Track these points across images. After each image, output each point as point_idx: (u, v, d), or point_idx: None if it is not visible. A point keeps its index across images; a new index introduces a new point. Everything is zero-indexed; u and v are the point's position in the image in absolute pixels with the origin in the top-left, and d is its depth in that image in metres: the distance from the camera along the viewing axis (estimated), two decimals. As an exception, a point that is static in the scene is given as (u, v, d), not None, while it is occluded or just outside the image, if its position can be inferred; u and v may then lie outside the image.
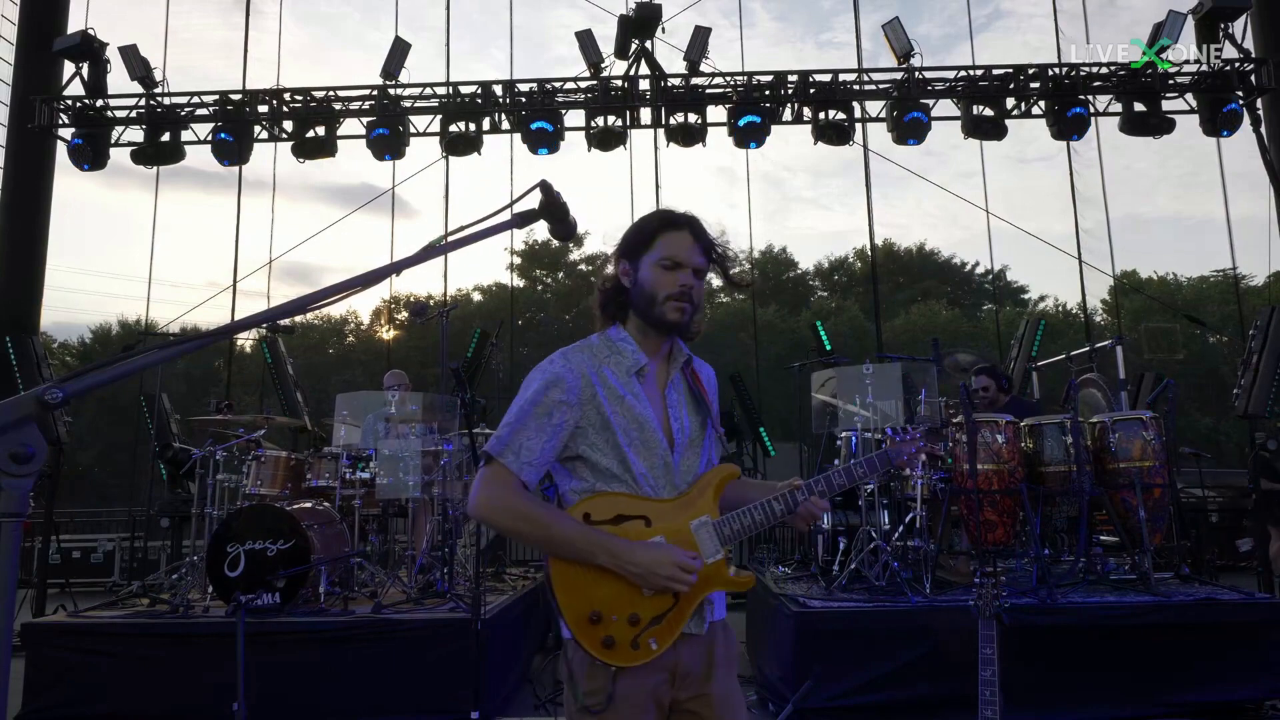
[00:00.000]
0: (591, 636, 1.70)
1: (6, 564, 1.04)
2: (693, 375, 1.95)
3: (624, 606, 1.71)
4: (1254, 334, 8.02)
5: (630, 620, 1.71)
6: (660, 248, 1.84)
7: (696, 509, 1.80)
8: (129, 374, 1.17)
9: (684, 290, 1.82)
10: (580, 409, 1.80)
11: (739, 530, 1.81)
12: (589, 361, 1.84)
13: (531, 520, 1.75)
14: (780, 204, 41.04)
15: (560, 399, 1.78)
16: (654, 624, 1.72)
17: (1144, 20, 25.02)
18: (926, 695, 4.25)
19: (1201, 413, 23.26)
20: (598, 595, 1.71)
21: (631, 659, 1.71)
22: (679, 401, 1.89)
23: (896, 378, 5.61)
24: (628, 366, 1.84)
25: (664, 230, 1.86)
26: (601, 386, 1.81)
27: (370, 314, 31.97)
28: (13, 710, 4.51)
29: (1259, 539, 7.28)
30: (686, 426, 1.87)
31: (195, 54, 13.60)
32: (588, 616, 1.71)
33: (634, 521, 1.76)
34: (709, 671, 1.83)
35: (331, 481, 5.74)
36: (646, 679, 1.74)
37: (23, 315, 9.34)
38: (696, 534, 1.78)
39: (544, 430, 1.78)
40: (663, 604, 1.73)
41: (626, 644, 1.71)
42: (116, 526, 11.86)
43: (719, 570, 1.79)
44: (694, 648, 1.81)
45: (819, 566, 5.62)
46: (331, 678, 4.50)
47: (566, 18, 28.04)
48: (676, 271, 1.83)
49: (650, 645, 1.72)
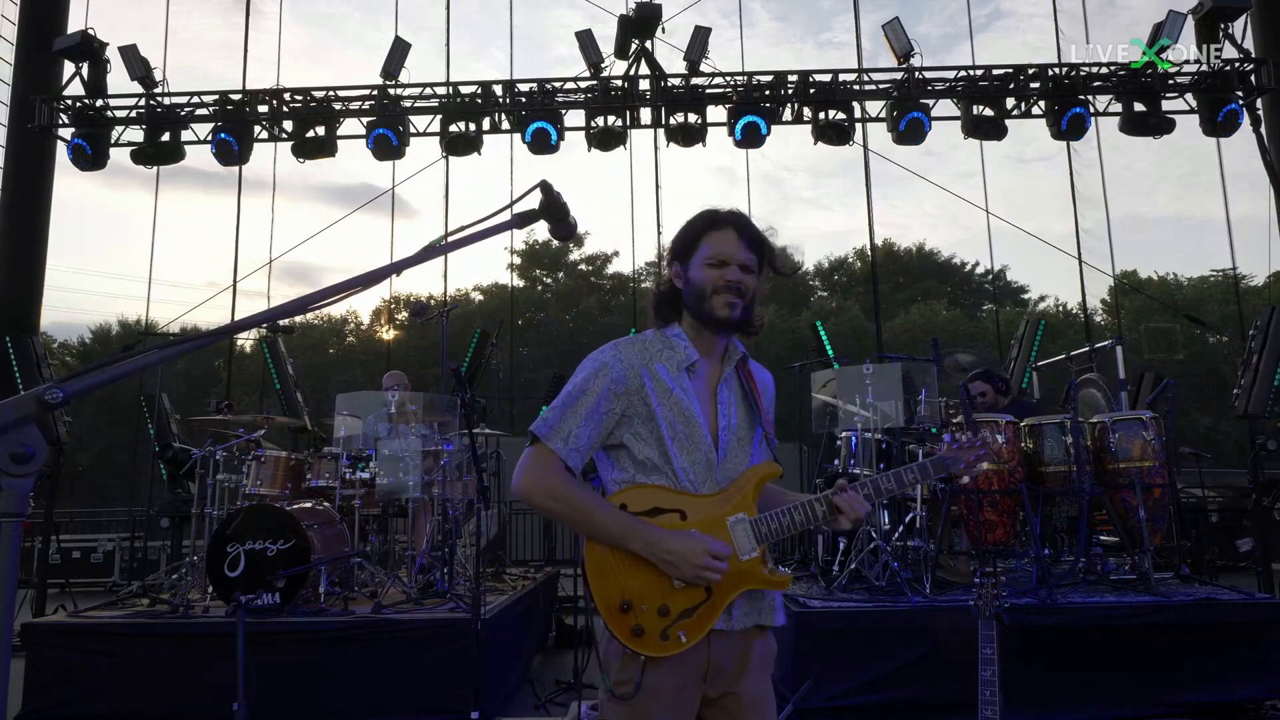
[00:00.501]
0: (621, 624, 1.74)
1: (6, 564, 1.04)
2: (747, 376, 1.97)
3: (655, 597, 1.74)
4: (1254, 334, 8.02)
5: (660, 611, 1.73)
6: (706, 247, 1.89)
7: (734, 505, 1.81)
8: (129, 374, 1.17)
9: (731, 284, 1.85)
10: (627, 399, 1.84)
11: (776, 529, 1.81)
12: (640, 354, 1.88)
13: (571, 503, 1.80)
14: (780, 204, 41.06)
15: (608, 387, 1.84)
16: (684, 617, 1.74)
17: (1144, 20, 25.03)
18: (926, 695, 4.25)
19: (1201, 413, 23.27)
20: (629, 584, 1.75)
21: (660, 650, 1.72)
22: (729, 400, 1.91)
23: (896, 378, 5.61)
24: (679, 361, 1.88)
25: (709, 230, 1.90)
26: (650, 379, 1.85)
27: (370, 314, 32.04)
28: (13, 710, 4.51)
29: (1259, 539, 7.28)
30: (734, 425, 1.88)
31: (195, 54, 13.62)
32: (619, 604, 1.74)
33: (670, 514, 1.79)
34: (742, 669, 1.83)
35: (331, 481, 5.74)
36: (676, 674, 1.76)
37: (23, 315, 9.34)
38: (733, 530, 1.79)
39: (590, 417, 1.83)
40: (694, 597, 1.75)
41: (656, 634, 1.73)
42: (116, 526, 11.86)
43: (754, 568, 1.79)
44: (728, 645, 1.81)
45: (819, 566, 5.62)
46: (331, 678, 4.50)
47: (566, 18, 28.10)
48: (723, 269, 1.87)
49: (680, 638, 1.74)
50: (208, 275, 55.15)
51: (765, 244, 1.93)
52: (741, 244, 1.88)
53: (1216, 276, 25.26)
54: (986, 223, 11.32)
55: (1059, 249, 11.18)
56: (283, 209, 30.13)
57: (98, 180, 25.31)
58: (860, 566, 5.02)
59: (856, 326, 26.10)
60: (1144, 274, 28.26)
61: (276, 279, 26.33)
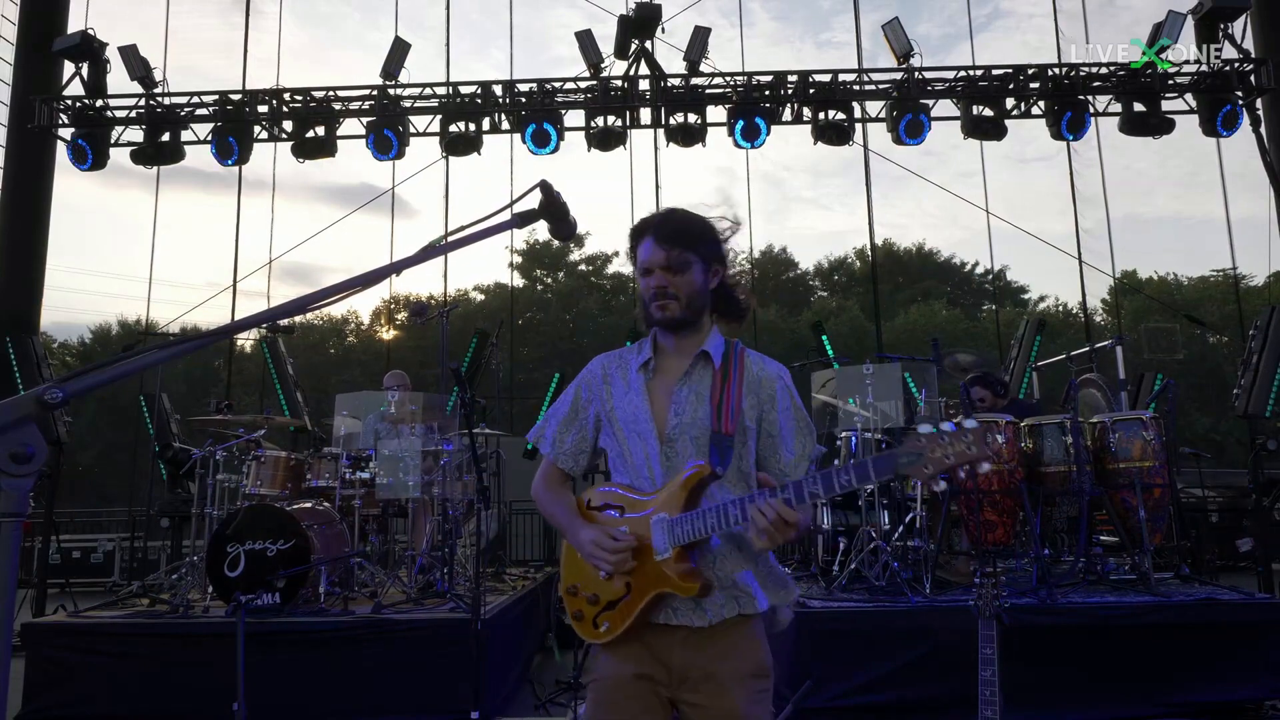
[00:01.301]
0: (569, 606, 1.94)
1: (6, 564, 1.04)
2: (727, 371, 1.88)
3: (590, 585, 1.88)
4: (1254, 334, 8.03)
5: (590, 599, 1.87)
6: (638, 256, 1.95)
7: (660, 505, 1.82)
8: (129, 374, 1.17)
9: (657, 290, 1.89)
10: (597, 405, 1.99)
11: (689, 531, 1.76)
12: (611, 361, 2.03)
13: (544, 503, 2.02)
14: (780, 204, 41.09)
15: (581, 394, 2.02)
16: (608, 608, 1.85)
17: (1144, 20, 25.02)
18: (926, 695, 4.25)
19: (1201, 413, 23.27)
20: (577, 571, 1.92)
21: (592, 636, 1.88)
22: (687, 396, 1.88)
23: (896, 378, 5.61)
24: (639, 361, 1.96)
25: (636, 241, 1.96)
26: (607, 385, 1.98)
27: (370, 314, 32.02)
28: (13, 710, 4.51)
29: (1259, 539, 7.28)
30: (685, 423, 1.85)
31: (195, 54, 13.62)
32: (568, 588, 1.94)
33: (614, 510, 1.90)
34: (709, 679, 1.79)
35: (331, 481, 5.74)
36: (622, 664, 1.85)
37: (23, 315, 9.35)
38: (653, 529, 1.81)
39: (572, 424, 2.01)
40: (617, 591, 1.83)
41: (589, 621, 1.88)
42: (116, 526, 11.87)
43: (666, 568, 1.78)
44: (692, 647, 1.80)
45: (819, 566, 5.62)
46: (331, 678, 4.50)
47: (566, 18, 28.10)
48: (648, 277, 1.91)
49: (603, 627, 1.85)
50: (208, 275, 55.14)
51: (689, 231, 1.89)
52: (660, 246, 1.88)
53: (1216, 276, 25.27)
54: (986, 223, 11.34)
55: (1059, 249, 11.20)
56: (283, 209, 30.17)
57: (98, 180, 25.33)
58: (860, 566, 5.02)
59: (856, 326, 26.10)
60: (1144, 274, 28.29)
61: (276, 279, 26.34)
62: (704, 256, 1.91)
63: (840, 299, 31.61)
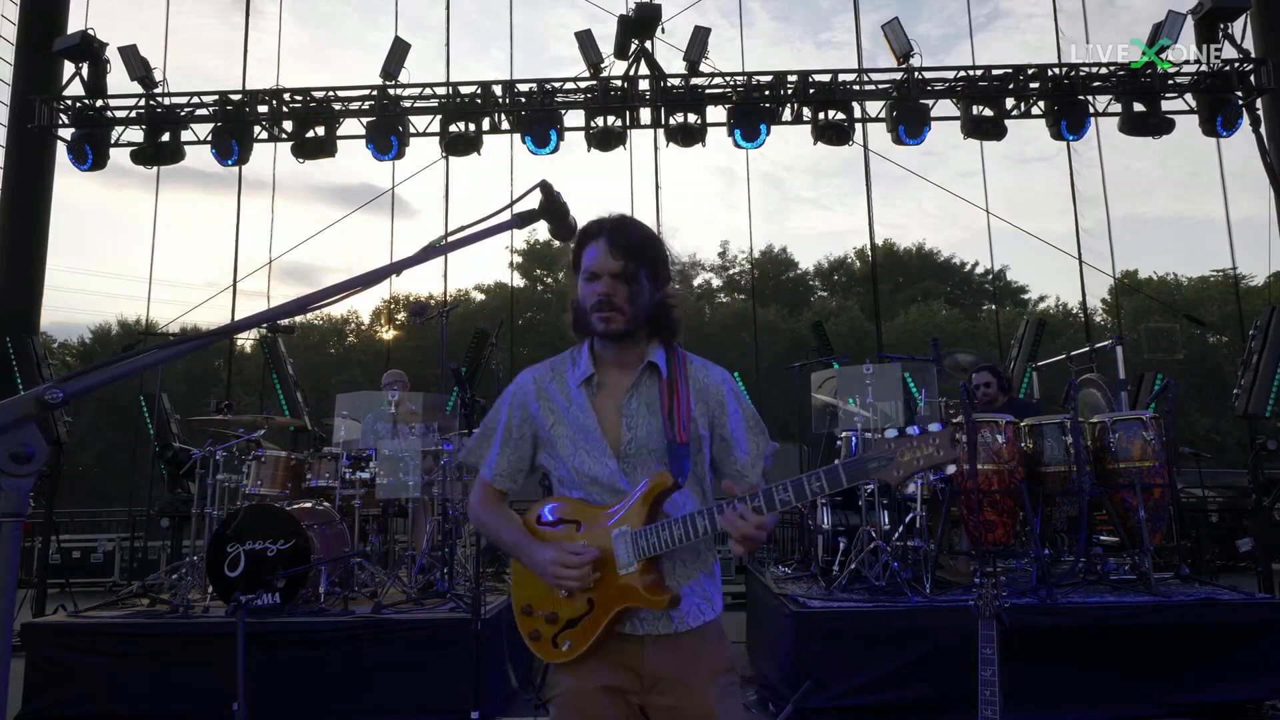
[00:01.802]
0: (524, 626, 1.88)
1: (6, 564, 1.04)
2: (675, 380, 1.87)
3: (546, 604, 1.82)
4: (1254, 334, 8.02)
5: (549, 618, 1.82)
6: (583, 261, 1.84)
7: (621, 518, 1.77)
8: (129, 374, 1.17)
9: (602, 299, 1.80)
10: (532, 422, 1.92)
11: (654, 544, 1.73)
12: (542, 375, 1.94)
13: (486, 524, 1.97)
14: (780, 204, 41.05)
15: (518, 416, 1.93)
16: (569, 627, 1.79)
17: (1144, 20, 25.01)
18: (926, 695, 4.25)
19: (1201, 413, 23.25)
20: (530, 590, 1.86)
21: (552, 656, 1.82)
22: (638, 409, 1.85)
23: (896, 378, 5.61)
24: (578, 376, 1.88)
25: (584, 243, 1.84)
26: (543, 400, 1.90)
27: (370, 314, 32.00)
28: (13, 710, 4.50)
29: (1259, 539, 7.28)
30: (639, 436, 1.83)
31: (195, 54, 13.61)
32: (522, 608, 1.88)
33: (568, 526, 1.84)
34: (684, 682, 1.80)
35: (331, 481, 5.74)
36: (591, 677, 1.80)
37: (23, 315, 9.35)
38: (615, 543, 1.77)
39: (506, 442, 1.93)
40: (578, 608, 1.78)
41: (548, 640, 1.82)
42: (116, 526, 11.86)
43: (632, 582, 1.74)
44: (667, 653, 1.80)
45: (819, 566, 5.62)
46: (331, 678, 4.50)
47: (565, 18, 28.06)
48: (594, 283, 1.82)
49: (564, 646, 1.79)
50: (208, 275, 55.03)
51: (645, 243, 1.84)
52: (613, 254, 1.80)
53: (1216, 276, 25.25)
54: (986, 223, 11.33)
55: (1059, 249, 11.20)
56: (283, 209, 30.13)
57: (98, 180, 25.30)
58: (860, 566, 5.02)
59: (856, 326, 26.09)
60: (1144, 274, 28.26)
61: (276, 279, 26.32)
62: (653, 272, 1.84)
63: (840, 299, 31.59)
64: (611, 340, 1.84)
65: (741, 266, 30.19)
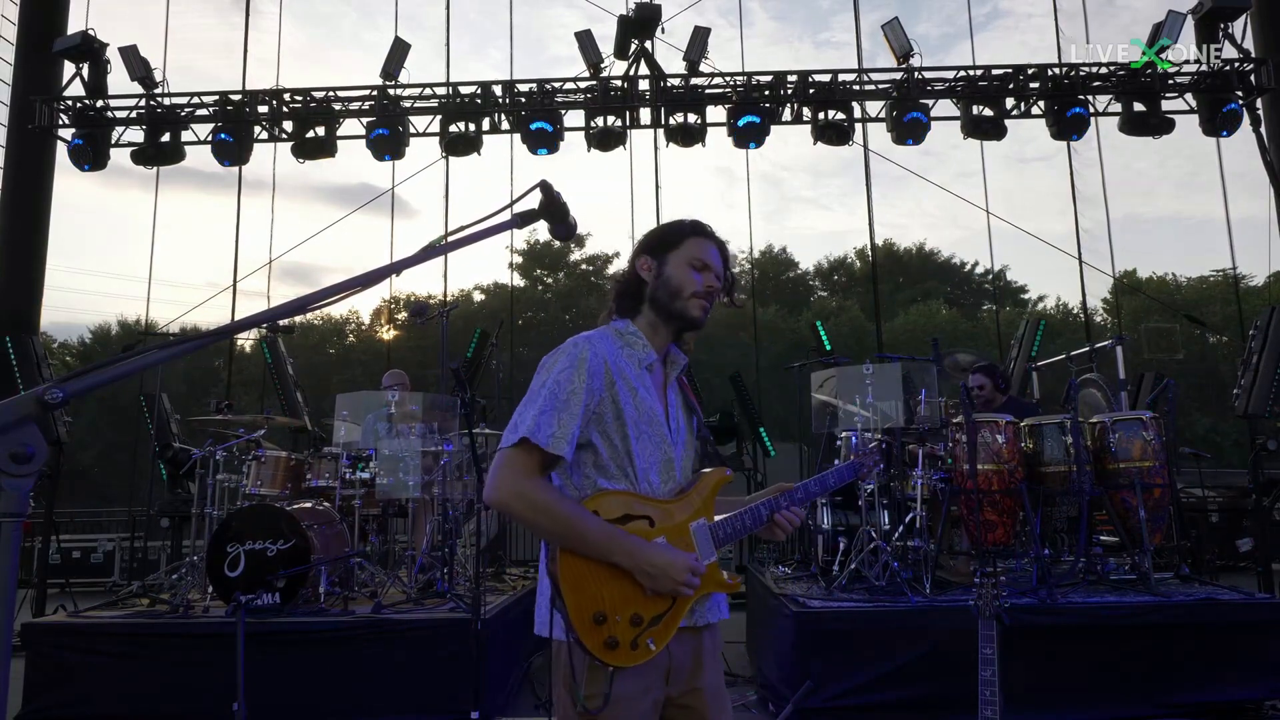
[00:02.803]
0: (595, 637, 1.68)
1: (6, 564, 1.04)
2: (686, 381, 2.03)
3: (628, 607, 1.71)
4: (1254, 334, 8.02)
5: (632, 621, 1.71)
6: (691, 248, 1.92)
7: (695, 511, 1.84)
8: (129, 374, 1.17)
9: (709, 290, 1.91)
10: (602, 394, 1.79)
11: (731, 534, 1.85)
12: (611, 349, 1.85)
13: (550, 513, 1.69)
14: (780, 204, 41.04)
15: (585, 381, 1.76)
16: (653, 624, 1.74)
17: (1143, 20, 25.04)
18: (926, 695, 4.25)
19: (1201, 413, 23.25)
20: (605, 595, 1.70)
21: (631, 659, 1.70)
22: (676, 401, 1.96)
23: (896, 378, 5.60)
24: (640, 359, 1.88)
25: (697, 235, 1.95)
26: (619, 376, 1.82)
27: (370, 314, 31.98)
28: (13, 710, 4.50)
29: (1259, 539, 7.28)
30: (681, 426, 1.94)
31: (195, 54, 13.60)
32: (593, 616, 1.68)
33: (639, 521, 1.77)
34: (698, 666, 1.87)
35: (331, 481, 5.74)
36: (643, 679, 1.76)
37: (23, 315, 9.34)
38: (695, 536, 1.81)
39: (578, 411, 1.75)
40: (662, 605, 1.75)
41: (627, 645, 1.70)
42: (116, 526, 11.86)
43: (713, 572, 1.82)
44: (684, 643, 1.85)
45: (819, 566, 5.62)
46: (331, 678, 4.50)
47: (564, 17, 28.08)
48: (705, 273, 1.91)
49: (649, 645, 1.73)
50: (208, 275, 55.09)
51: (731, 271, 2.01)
52: (722, 259, 1.96)
53: (1216, 276, 25.25)
54: (986, 222, 11.32)
55: (1059, 249, 11.19)
56: (283, 209, 30.16)
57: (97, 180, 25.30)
58: (860, 566, 5.02)
59: (856, 326, 26.09)
60: (1144, 274, 28.25)
61: (276, 279, 26.34)
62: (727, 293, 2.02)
63: (840, 299, 31.58)
64: (691, 328, 1.93)
65: (741, 266, 30.20)
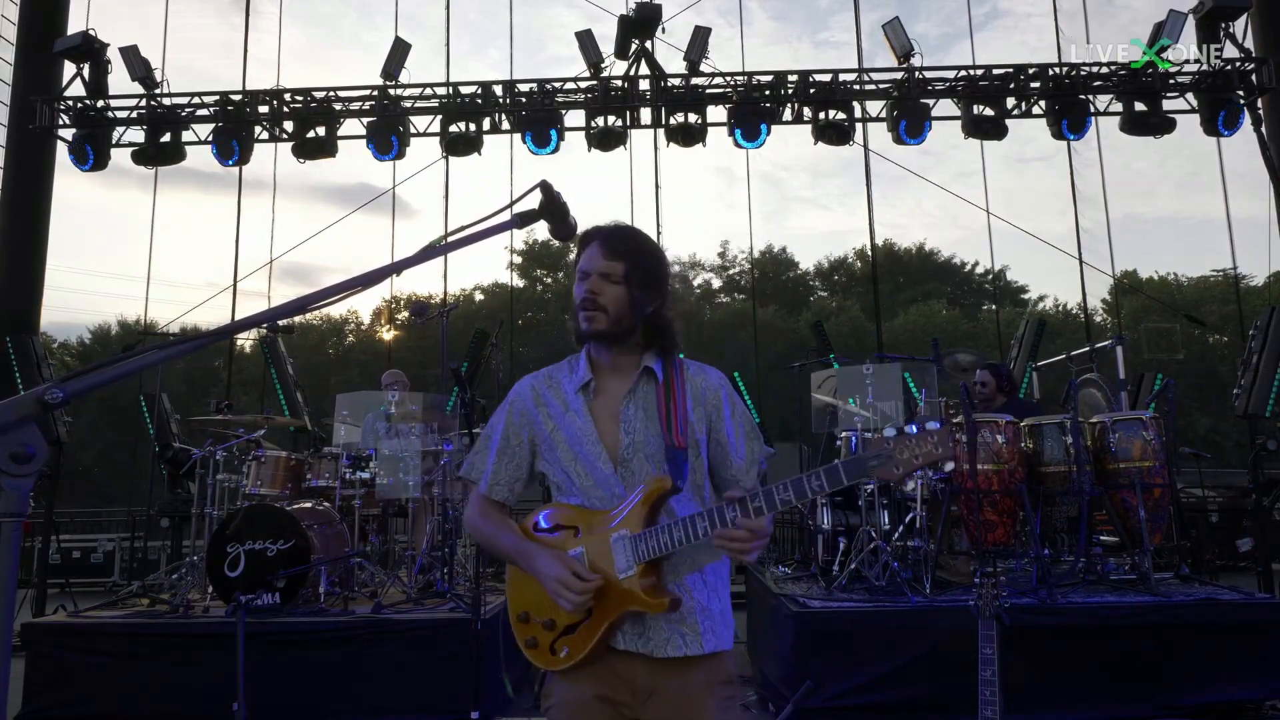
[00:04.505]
0: (520, 634, 1.86)
1: (6, 564, 1.04)
2: (671, 384, 1.86)
3: (544, 611, 1.80)
4: (1254, 334, 8.02)
5: (546, 625, 1.79)
6: (580, 263, 1.87)
7: (621, 522, 1.76)
8: (129, 374, 1.17)
9: (585, 299, 1.82)
10: (531, 428, 1.91)
11: (654, 547, 1.72)
12: (539, 383, 1.94)
13: (483, 532, 1.94)
14: (779, 204, 41.08)
15: (515, 421, 1.93)
16: (567, 633, 1.77)
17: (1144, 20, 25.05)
18: (926, 695, 4.25)
19: (1201, 413, 23.25)
20: (527, 596, 1.84)
21: (550, 663, 1.80)
22: (635, 414, 1.84)
23: (896, 378, 5.61)
24: (576, 382, 1.89)
25: (581, 246, 1.88)
26: (541, 407, 1.90)
27: (370, 314, 32.00)
28: (13, 710, 4.51)
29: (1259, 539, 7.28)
30: (638, 441, 1.82)
31: (195, 54, 13.61)
32: (518, 615, 1.86)
33: (566, 531, 1.82)
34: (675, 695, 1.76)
35: (331, 481, 5.74)
36: (585, 688, 1.79)
37: (23, 315, 9.35)
38: (614, 548, 1.75)
39: (502, 451, 1.93)
40: (577, 614, 1.76)
41: (545, 648, 1.80)
42: (116, 526, 11.86)
43: (631, 586, 1.72)
44: (636, 670, 1.77)
45: (819, 566, 5.62)
46: (331, 678, 4.50)
47: (563, 17, 28.05)
48: (583, 281, 1.84)
49: (562, 652, 1.77)
50: (208, 275, 55.10)
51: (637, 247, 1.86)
52: (603, 254, 1.82)
53: (1216, 276, 25.26)
54: (987, 222, 11.31)
55: (1059, 249, 11.19)
56: (283, 209, 30.11)
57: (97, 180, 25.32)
58: (860, 566, 5.02)
59: (856, 326, 26.10)
60: (1144, 274, 28.26)
61: (276, 279, 26.29)
62: (643, 277, 1.84)
63: (840, 299, 31.59)
64: (595, 340, 1.85)
65: (741, 266, 30.22)
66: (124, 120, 9.38)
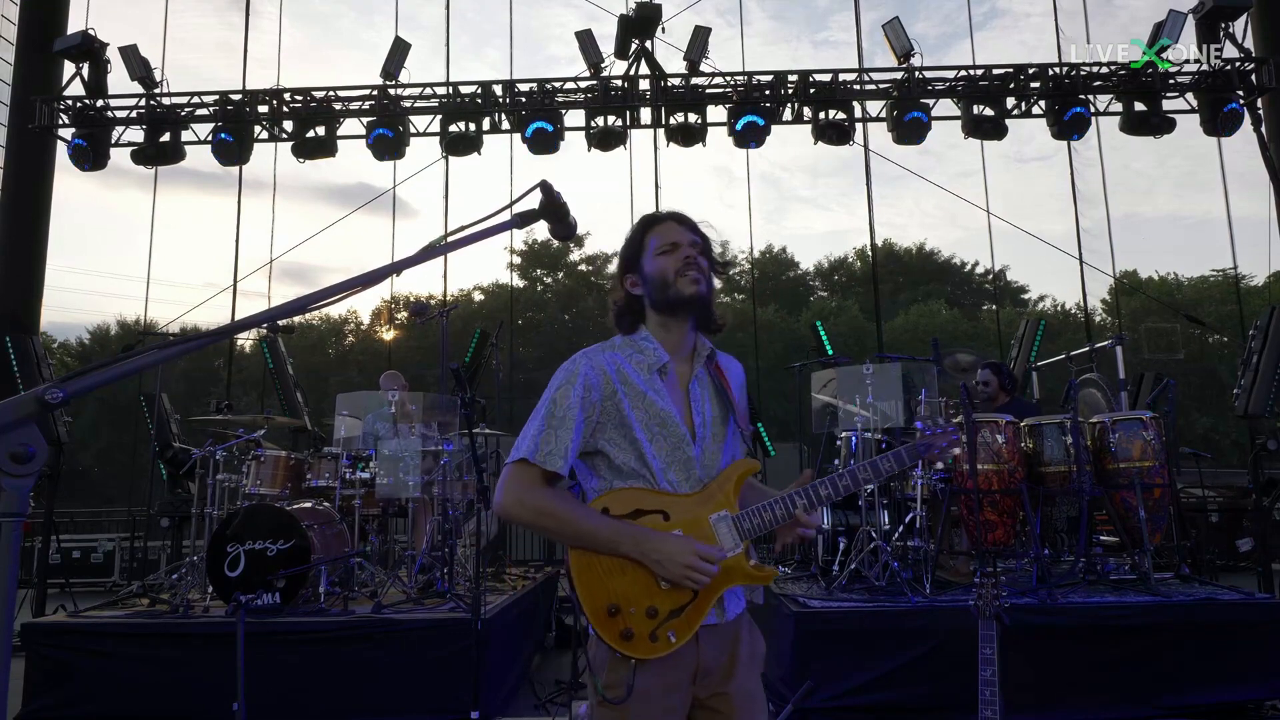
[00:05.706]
0: (610, 629, 1.73)
1: (6, 564, 1.04)
2: (717, 370, 1.96)
3: (642, 599, 1.73)
4: (1254, 334, 8.01)
5: (648, 613, 1.73)
6: (654, 240, 1.92)
7: (716, 503, 1.81)
8: (129, 374, 1.17)
9: (689, 261, 1.87)
10: (600, 405, 1.83)
11: (758, 525, 1.80)
12: (610, 360, 1.87)
13: (555, 515, 1.77)
14: (779, 204, 41.10)
15: (582, 395, 1.81)
16: (672, 617, 1.74)
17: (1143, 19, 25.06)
18: (926, 695, 4.25)
19: (1201, 413, 23.26)
20: (616, 587, 1.74)
21: (650, 651, 1.72)
22: (702, 396, 1.91)
23: (896, 378, 5.60)
24: (649, 364, 1.87)
25: (650, 228, 1.94)
26: (622, 384, 1.84)
27: (370, 314, 32.01)
28: (13, 710, 4.51)
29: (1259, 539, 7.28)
30: (709, 421, 1.89)
31: (195, 54, 13.62)
32: (606, 609, 1.73)
33: (652, 516, 1.78)
34: (731, 668, 1.84)
35: (331, 481, 5.74)
36: (667, 674, 1.75)
37: (23, 315, 9.34)
38: (715, 528, 1.79)
39: (574, 426, 1.80)
40: (681, 597, 1.74)
41: (645, 636, 1.72)
42: (116, 526, 11.86)
43: (739, 564, 1.79)
44: (715, 642, 1.81)
45: (819, 566, 5.62)
46: (332, 678, 4.50)
47: (564, 17, 28.08)
48: (676, 250, 1.88)
49: (669, 638, 1.73)
50: (207, 275, 55.16)
51: (707, 237, 1.95)
52: (684, 229, 1.91)
53: (1216, 276, 25.28)
54: (987, 222, 11.32)
55: (1059, 249, 11.19)
56: (283, 209, 30.16)
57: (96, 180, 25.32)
58: (860, 566, 5.02)
59: (856, 326, 26.10)
60: (1144, 274, 28.27)
61: (276, 279, 26.35)
62: (711, 258, 1.94)
63: (840, 299, 31.59)
64: (697, 306, 1.87)
65: (741, 266, 30.21)
66: (123, 120, 9.38)
